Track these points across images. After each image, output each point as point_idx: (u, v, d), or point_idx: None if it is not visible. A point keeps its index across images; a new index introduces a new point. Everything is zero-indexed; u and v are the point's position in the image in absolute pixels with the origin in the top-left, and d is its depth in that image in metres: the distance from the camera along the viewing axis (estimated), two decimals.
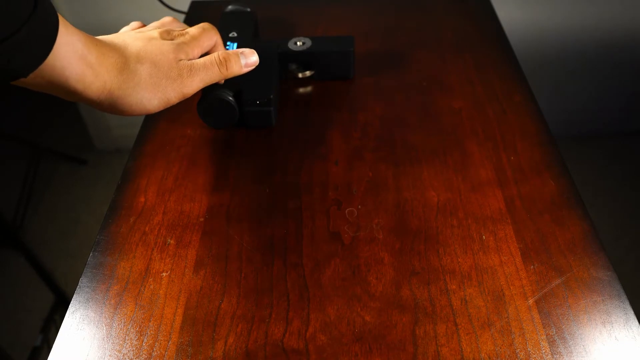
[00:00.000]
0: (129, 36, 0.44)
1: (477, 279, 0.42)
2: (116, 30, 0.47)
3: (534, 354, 0.38)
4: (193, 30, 0.48)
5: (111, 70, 0.39)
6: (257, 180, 0.52)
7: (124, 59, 0.41)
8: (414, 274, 0.43)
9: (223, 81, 0.52)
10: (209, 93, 0.54)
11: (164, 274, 0.44)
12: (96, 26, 1.43)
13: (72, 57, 0.36)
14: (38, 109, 1.95)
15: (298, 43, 0.62)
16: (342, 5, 0.78)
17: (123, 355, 0.39)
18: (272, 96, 0.55)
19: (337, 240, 0.46)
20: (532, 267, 0.43)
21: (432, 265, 0.44)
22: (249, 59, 0.49)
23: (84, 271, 0.44)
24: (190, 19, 0.78)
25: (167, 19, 0.52)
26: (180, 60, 0.44)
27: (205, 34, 0.48)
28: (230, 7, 0.68)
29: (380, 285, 0.42)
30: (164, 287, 0.43)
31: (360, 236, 0.46)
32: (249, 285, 0.43)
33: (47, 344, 1.20)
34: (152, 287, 0.43)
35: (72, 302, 0.42)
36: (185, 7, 0.81)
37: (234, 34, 0.62)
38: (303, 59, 0.62)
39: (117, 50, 0.41)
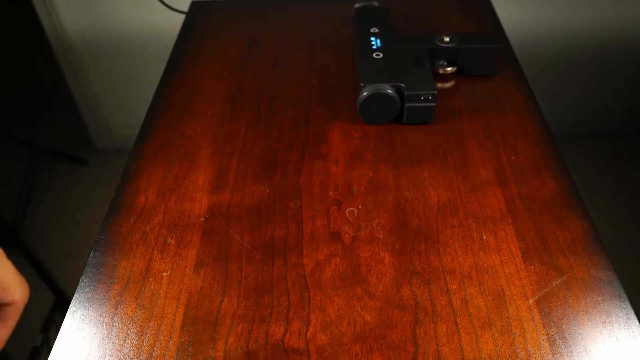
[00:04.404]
0: None
1: (477, 279, 0.42)
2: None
3: (535, 354, 0.38)
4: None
5: None
6: (257, 180, 0.52)
7: None
8: (414, 273, 0.43)
9: None
10: (370, 88, 0.54)
11: (165, 273, 0.44)
12: (96, 26, 1.43)
13: None
14: (38, 109, 1.95)
15: (445, 39, 0.62)
16: (338, 4, 0.78)
17: (124, 355, 0.39)
18: (436, 92, 0.55)
19: (338, 240, 0.46)
20: (532, 267, 0.43)
21: (432, 265, 0.44)
22: None
23: (84, 271, 0.44)
24: (190, 19, 0.78)
25: None
26: None
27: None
28: (358, 4, 0.69)
29: (381, 285, 0.42)
30: (165, 286, 0.43)
31: (360, 236, 0.46)
32: (250, 285, 0.43)
33: (47, 344, 1.20)
34: (152, 287, 0.43)
35: (72, 302, 0.42)
36: (185, 7, 0.81)
37: (375, 30, 0.62)
38: (451, 55, 0.62)
39: None
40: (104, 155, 1.76)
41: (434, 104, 0.55)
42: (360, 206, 0.49)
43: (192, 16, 0.78)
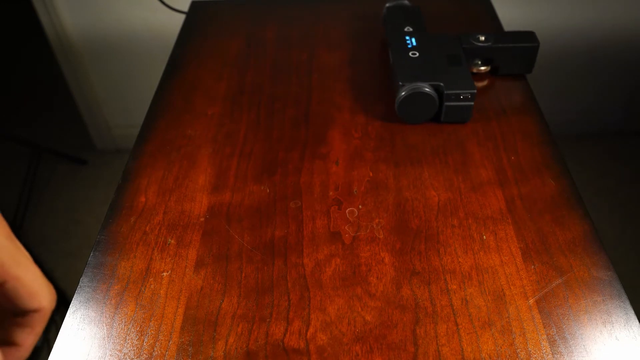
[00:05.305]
0: None
1: (477, 279, 0.42)
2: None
3: (535, 354, 0.38)
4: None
5: None
6: (257, 180, 0.52)
7: None
8: (414, 273, 0.43)
9: None
10: (409, 87, 0.54)
11: (165, 273, 0.44)
12: (96, 26, 1.43)
13: None
14: (38, 109, 1.95)
15: (481, 38, 0.62)
16: (339, 4, 0.78)
17: (124, 355, 0.39)
18: (475, 91, 0.54)
19: (338, 240, 0.46)
20: (532, 267, 0.43)
21: (432, 265, 0.44)
22: None
23: (85, 271, 0.44)
24: (190, 19, 0.78)
25: None
26: None
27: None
28: (389, 3, 0.69)
29: (381, 285, 0.42)
30: (165, 286, 0.43)
31: (360, 236, 0.46)
32: (250, 285, 0.43)
33: (47, 344, 1.20)
34: (152, 286, 0.43)
35: (72, 302, 0.42)
36: (185, 7, 0.81)
37: (409, 29, 0.62)
38: (487, 54, 0.62)
39: None
40: (104, 155, 1.76)
41: (472, 103, 0.55)
42: (360, 206, 0.49)
43: (192, 16, 0.78)
